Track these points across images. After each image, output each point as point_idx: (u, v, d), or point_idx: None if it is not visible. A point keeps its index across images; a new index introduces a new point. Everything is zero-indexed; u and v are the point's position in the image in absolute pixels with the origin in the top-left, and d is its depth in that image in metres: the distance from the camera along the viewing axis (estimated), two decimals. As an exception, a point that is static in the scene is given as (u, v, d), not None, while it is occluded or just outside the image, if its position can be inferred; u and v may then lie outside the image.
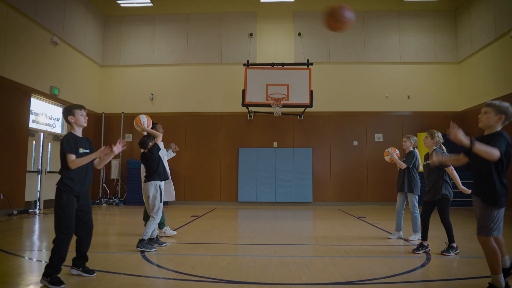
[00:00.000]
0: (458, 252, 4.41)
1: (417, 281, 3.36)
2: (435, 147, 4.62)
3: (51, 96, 10.48)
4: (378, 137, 12.57)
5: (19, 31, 9.18)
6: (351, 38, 13.01)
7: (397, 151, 5.79)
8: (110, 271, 3.60)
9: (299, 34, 13.02)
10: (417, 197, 5.36)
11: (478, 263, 3.94)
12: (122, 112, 12.89)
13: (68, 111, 3.47)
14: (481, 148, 2.66)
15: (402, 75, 12.86)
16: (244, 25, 13.21)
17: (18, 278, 3.39)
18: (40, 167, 10.29)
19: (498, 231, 2.80)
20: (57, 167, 10.98)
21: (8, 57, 8.78)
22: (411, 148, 5.54)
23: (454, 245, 4.43)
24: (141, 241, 4.57)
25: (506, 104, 2.87)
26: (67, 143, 3.31)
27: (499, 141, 2.74)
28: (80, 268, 3.43)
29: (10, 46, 8.83)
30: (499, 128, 2.86)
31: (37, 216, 8.65)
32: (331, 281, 3.27)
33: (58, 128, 11.20)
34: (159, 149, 4.88)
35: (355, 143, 12.58)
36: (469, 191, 3.70)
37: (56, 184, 3.32)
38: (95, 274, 3.42)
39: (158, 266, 3.85)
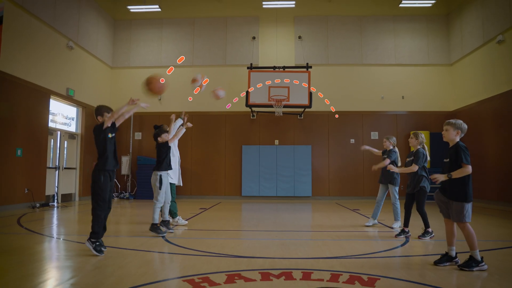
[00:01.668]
0: (433, 236, 5.16)
1: (393, 256, 4.10)
2: (419, 146, 5.34)
3: (67, 97, 11.22)
4: (374, 135, 13.28)
5: (39, 37, 9.91)
6: (349, 41, 13.70)
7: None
8: (140, 249, 4.36)
9: (300, 37, 13.71)
10: (397, 188, 6.09)
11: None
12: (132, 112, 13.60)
13: (99, 111, 4.25)
14: (458, 175, 3.50)
15: (397, 77, 13.55)
16: (247, 28, 13.90)
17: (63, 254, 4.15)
18: (57, 164, 11.05)
19: (469, 218, 3.53)
20: (73, 164, 11.78)
21: (30, 61, 9.52)
22: (391, 147, 6.26)
23: (430, 230, 5.17)
24: (152, 225, 5.30)
25: (460, 121, 3.70)
26: (99, 129, 4.20)
27: (463, 155, 3.53)
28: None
29: (31, 51, 9.57)
30: (457, 139, 3.67)
31: (56, 209, 9.41)
32: (322, 256, 4.03)
33: (73, 127, 11.94)
34: (165, 145, 5.68)
35: (352, 141, 13.30)
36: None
37: (93, 169, 4.16)
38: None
39: (179, 246, 4.60)
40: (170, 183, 6.45)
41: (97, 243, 4.01)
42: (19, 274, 3.29)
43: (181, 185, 6.91)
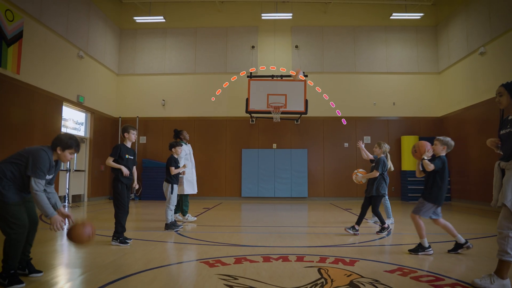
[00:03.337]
0: (391, 230, 5.81)
1: (373, 245, 4.85)
2: (382, 155, 6.03)
3: (78, 104, 11.93)
4: (367, 139, 14.05)
5: (54, 48, 10.62)
6: (343, 50, 14.49)
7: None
8: (159, 240, 5.08)
9: (296, 46, 14.49)
10: (386, 189, 6.78)
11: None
12: (137, 117, 14.35)
13: (125, 129, 4.95)
14: (427, 164, 4.22)
15: (389, 84, 14.34)
16: (246, 38, 14.66)
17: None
18: (68, 166, 11.75)
19: (424, 215, 4.27)
20: (82, 166, 12.47)
21: (46, 71, 10.24)
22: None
23: (386, 225, 5.80)
24: (166, 224, 6.03)
25: (448, 138, 4.36)
26: (114, 151, 4.81)
27: (436, 161, 4.28)
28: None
29: (47, 62, 10.29)
30: (443, 154, 4.34)
31: (68, 209, 10.09)
32: (314, 245, 4.77)
33: (82, 131, 12.64)
34: (174, 160, 6.25)
35: (346, 145, 14.07)
36: None
37: (113, 178, 4.87)
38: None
39: (191, 238, 5.33)
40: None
41: (121, 238, 4.73)
42: (66, 259, 4.01)
43: (196, 192, 7.57)
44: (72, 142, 3.39)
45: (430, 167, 4.18)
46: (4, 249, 3.05)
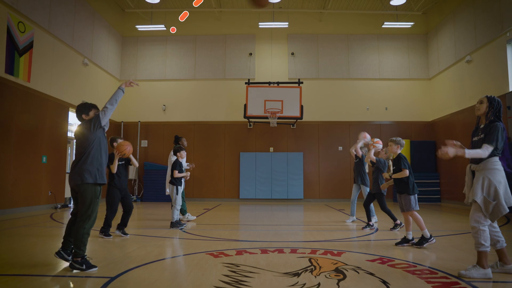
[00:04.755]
0: (403, 226, 6.34)
1: (360, 240, 5.38)
2: (398, 151, 6.58)
3: (83, 109, 12.40)
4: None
5: (61, 56, 11.13)
6: (337, 57, 15.07)
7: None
8: (166, 236, 5.59)
9: (292, 54, 15.06)
10: (367, 189, 7.32)
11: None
12: (139, 121, 14.85)
13: (113, 139, 5.57)
14: (397, 176, 4.92)
15: (381, 90, 14.93)
16: (244, 45, 15.22)
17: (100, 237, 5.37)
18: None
19: (417, 207, 4.86)
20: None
21: (53, 78, 10.74)
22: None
23: (398, 221, 6.37)
24: (171, 223, 6.54)
25: (399, 138, 5.12)
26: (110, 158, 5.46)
27: (403, 162, 4.97)
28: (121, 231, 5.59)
29: (54, 70, 10.79)
30: (399, 151, 5.07)
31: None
32: (307, 240, 5.29)
33: (86, 135, 13.11)
34: (179, 164, 6.79)
35: (340, 148, 14.63)
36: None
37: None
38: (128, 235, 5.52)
39: (195, 234, 5.84)
40: None
41: (106, 232, 5.44)
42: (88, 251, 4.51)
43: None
44: (87, 105, 4.06)
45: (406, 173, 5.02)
46: (80, 238, 3.64)
